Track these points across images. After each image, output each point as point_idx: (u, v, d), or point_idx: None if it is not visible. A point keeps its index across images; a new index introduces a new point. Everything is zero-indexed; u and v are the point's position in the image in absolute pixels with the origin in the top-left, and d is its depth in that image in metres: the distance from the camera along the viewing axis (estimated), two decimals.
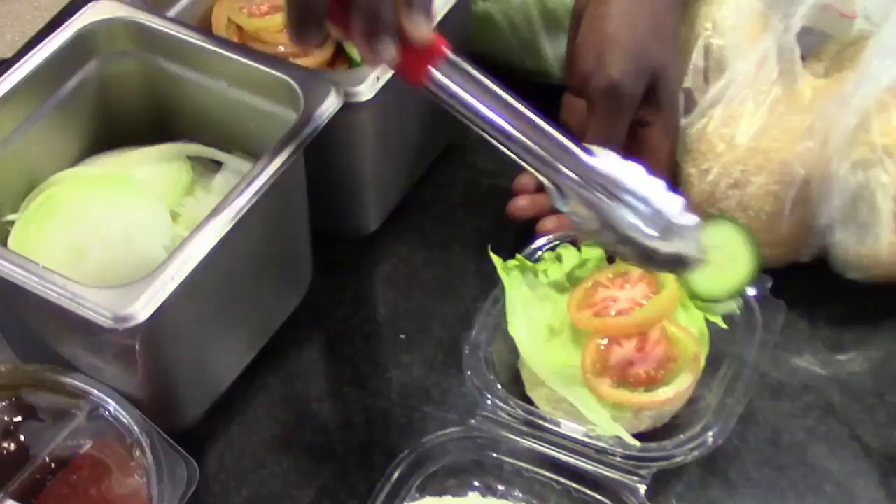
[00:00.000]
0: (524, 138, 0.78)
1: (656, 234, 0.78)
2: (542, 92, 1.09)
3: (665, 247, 0.78)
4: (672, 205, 0.79)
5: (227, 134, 0.97)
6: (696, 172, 0.99)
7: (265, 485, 0.91)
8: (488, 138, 0.79)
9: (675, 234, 0.79)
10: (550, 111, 1.03)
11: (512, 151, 0.79)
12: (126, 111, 0.99)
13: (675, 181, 1.00)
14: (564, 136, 0.79)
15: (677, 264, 0.81)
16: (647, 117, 0.98)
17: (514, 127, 0.78)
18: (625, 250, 0.80)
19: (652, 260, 0.80)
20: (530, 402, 0.91)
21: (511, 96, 0.79)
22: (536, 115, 0.79)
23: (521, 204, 1.02)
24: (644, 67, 0.95)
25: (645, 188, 0.79)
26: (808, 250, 0.99)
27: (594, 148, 0.80)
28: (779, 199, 0.96)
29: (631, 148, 0.97)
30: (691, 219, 0.79)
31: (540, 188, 1.01)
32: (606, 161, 0.79)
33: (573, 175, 0.78)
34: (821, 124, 0.95)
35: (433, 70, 0.77)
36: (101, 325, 0.77)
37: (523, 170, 0.80)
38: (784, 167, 0.95)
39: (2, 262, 0.80)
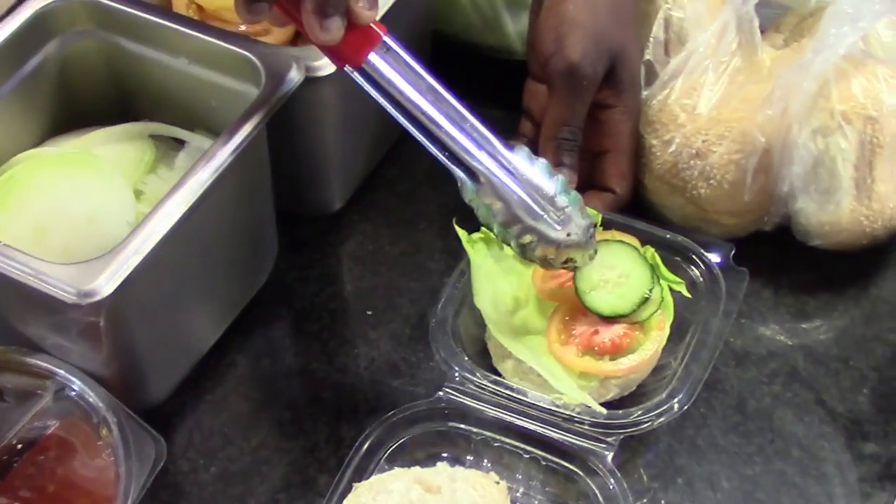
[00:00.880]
0: (451, 125, 0.81)
1: (558, 227, 0.82)
2: (504, 69, 1.11)
3: (564, 239, 0.83)
4: (573, 201, 0.83)
5: (189, 112, 0.97)
6: (659, 143, 0.99)
7: (234, 462, 0.91)
8: (411, 127, 0.81)
9: (573, 228, 0.83)
10: (512, 89, 1.05)
11: (434, 138, 0.81)
12: (88, 91, 0.99)
13: (637, 159, 1.01)
14: (485, 126, 0.81)
15: (571, 261, 0.85)
16: (607, 99, 0.98)
17: (442, 114, 0.80)
18: (527, 244, 0.83)
19: (551, 258, 0.84)
20: (498, 374, 0.91)
21: (439, 84, 0.81)
22: (462, 104, 0.81)
23: None
24: (604, 49, 0.96)
25: (551, 184, 0.82)
26: (770, 218, 1.00)
27: (513, 143, 0.82)
28: (741, 168, 0.96)
29: (591, 130, 0.98)
30: (587, 216, 0.85)
31: None
32: (521, 155, 0.82)
33: (492, 165, 0.81)
34: (780, 93, 0.96)
35: (372, 53, 0.78)
36: (64, 302, 0.76)
37: None
38: (745, 136, 0.96)
39: None
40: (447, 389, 0.88)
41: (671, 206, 1.01)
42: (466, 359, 0.89)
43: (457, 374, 0.88)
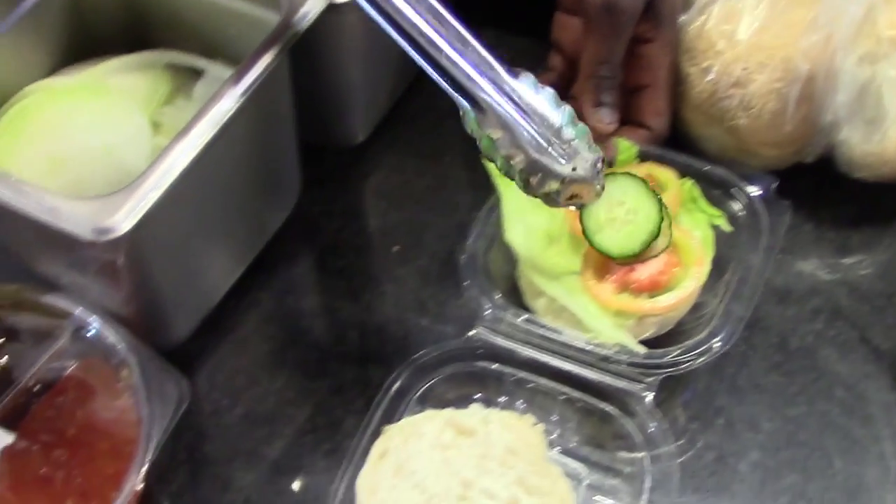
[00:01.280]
0: (451, 49, 0.76)
1: (563, 161, 0.77)
2: (531, 5, 1.07)
3: (570, 174, 0.77)
4: (580, 133, 0.78)
5: (207, 40, 0.93)
6: (696, 72, 0.96)
7: (259, 403, 0.89)
8: (411, 50, 0.77)
9: (579, 162, 0.77)
10: (539, 16, 1.01)
11: (434, 63, 0.76)
12: (100, 19, 0.96)
13: (676, 91, 0.97)
14: (489, 51, 0.76)
15: (577, 197, 0.79)
16: (645, 33, 0.94)
17: (441, 37, 0.76)
18: (530, 178, 0.78)
19: (555, 194, 0.78)
20: (530, 312, 0.88)
21: (442, 6, 0.76)
22: (466, 27, 0.76)
23: None
24: None
25: (557, 114, 0.77)
26: (812, 150, 0.96)
27: (517, 70, 0.77)
28: (782, 97, 0.93)
29: (627, 64, 0.95)
30: (595, 150, 0.78)
31: None
32: (526, 83, 0.77)
33: (494, 92, 0.76)
34: (825, 18, 0.92)
35: None
36: (80, 239, 0.74)
37: None
38: (787, 63, 0.92)
39: None
40: (479, 328, 0.85)
41: (708, 137, 0.97)
42: (498, 296, 0.86)
43: (488, 312, 0.85)
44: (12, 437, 0.78)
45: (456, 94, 0.77)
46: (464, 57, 0.76)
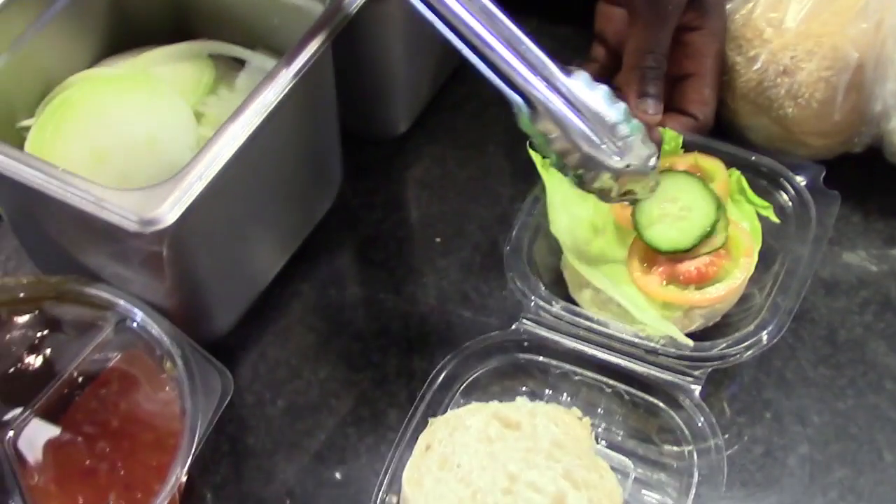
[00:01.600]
0: (504, 48, 0.75)
1: (617, 157, 0.76)
2: None
3: (624, 169, 0.77)
4: (634, 129, 0.77)
5: (249, 30, 0.93)
6: (743, 60, 0.94)
7: (301, 395, 0.88)
8: (464, 49, 0.76)
9: (633, 158, 0.77)
10: (581, 4, 1.00)
11: (487, 62, 0.76)
12: (143, 9, 0.95)
13: (722, 80, 0.96)
14: (542, 49, 0.76)
15: (631, 193, 0.79)
16: (692, 22, 0.93)
17: (495, 36, 0.75)
18: (584, 175, 0.77)
19: (609, 190, 0.78)
20: (574, 304, 0.87)
21: (494, 5, 0.75)
22: (517, 26, 0.75)
23: None
24: None
25: (612, 111, 0.76)
26: (861, 139, 0.95)
27: (572, 68, 0.76)
28: (831, 86, 0.91)
29: (673, 52, 0.93)
30: (650, 146, 0.78)
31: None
32: (580, 81, 0.76)
33: (547, 91, 0.75)
34: (875, 4, 0.90)
35: None
36: (126, 230, 0.73)
37: None
38: (836, 51, 0.91)
39: (20, 165, 0.76)
40: (524, 320, 0.85)
41: (755, 126, 0.96)
42: (543, 288, 0.85)
43: (533, 304, 0.84)
44: (56, 429, 0.78)
45: (509, 92, 0.76)
46: (517, 56, 0.75)
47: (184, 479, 0.77)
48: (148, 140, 0.84)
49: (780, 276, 0.85)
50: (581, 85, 0.76)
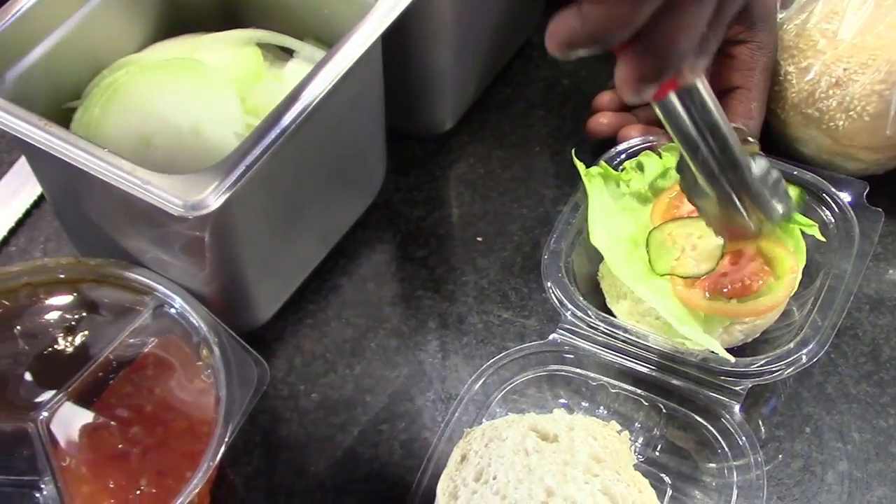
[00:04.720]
0: (718, 168, 0.73)
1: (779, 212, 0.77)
2: None
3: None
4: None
5: (299, 20, 0.92)
6: (795, 71, 0.93)
7: (336, 389, 0.88)
8: (690, 159, 0.73)
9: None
10: None
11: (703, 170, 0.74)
12: None
13: (770, 93, 0.94)
14: (743, 156, 0.73)
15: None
16: (739, 35, 0.92)
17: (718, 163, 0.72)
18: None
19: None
20: (611, 315, 0.86)
21: (726, 129, 0.72)
22: (736, 143, 0.73)
23: (602, 121, 0.98)
24: None
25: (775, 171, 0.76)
26: None
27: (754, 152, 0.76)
28: (884, 100, 0.90)
29: (722, 65, 0.92)
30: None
31: (621, 107, 0.98)
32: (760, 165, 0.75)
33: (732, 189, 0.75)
34: None
35: (672, 92, 0.69)
36: (170, 214, 0.72)
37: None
38: (890, 65, 0.90)
39: (66, 145, 0.75)
40: (561, 331, 0.84)
41: (805, 138, 0.94)
42: (580, 298, 0.84)
43: (570, 314, 0.83)
44: (90, 412, 0.78)
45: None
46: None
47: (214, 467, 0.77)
48: (194, 126, 0.84)
49: (823, 293, 0.84)
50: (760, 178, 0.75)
